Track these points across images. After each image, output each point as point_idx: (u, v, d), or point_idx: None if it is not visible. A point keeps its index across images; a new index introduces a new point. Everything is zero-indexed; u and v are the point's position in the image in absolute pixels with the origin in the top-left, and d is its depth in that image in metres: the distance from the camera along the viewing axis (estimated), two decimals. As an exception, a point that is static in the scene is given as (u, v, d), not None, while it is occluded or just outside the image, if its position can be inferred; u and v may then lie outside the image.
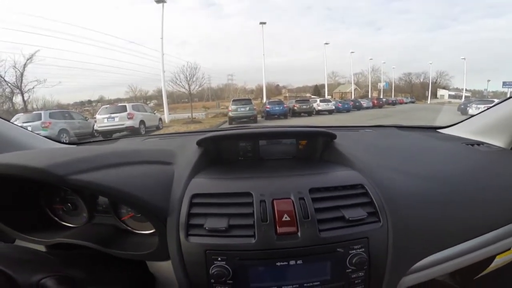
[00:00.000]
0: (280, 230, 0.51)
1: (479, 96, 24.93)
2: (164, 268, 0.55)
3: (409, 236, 0.57)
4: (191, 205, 0.55)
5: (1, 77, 14.63)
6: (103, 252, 0.56)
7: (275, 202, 0.53)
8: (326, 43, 31.03)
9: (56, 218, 0.68)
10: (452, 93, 31.66)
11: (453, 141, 1.03)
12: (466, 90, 29.92)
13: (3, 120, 0.87)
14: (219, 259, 0.49)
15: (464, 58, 28.62)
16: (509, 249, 0.77)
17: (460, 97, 27.78)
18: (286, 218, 0.51)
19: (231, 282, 0.49)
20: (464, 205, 0.67)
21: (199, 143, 0.73)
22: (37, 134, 1.01)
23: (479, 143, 0.97)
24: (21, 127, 0.96)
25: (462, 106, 12.82)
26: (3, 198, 0.60)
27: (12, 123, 0.93)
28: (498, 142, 0.96)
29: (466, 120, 1.13)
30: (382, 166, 0.70)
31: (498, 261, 0.83)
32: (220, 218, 0.52)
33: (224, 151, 0.77)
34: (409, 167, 0.74)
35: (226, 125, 10.32)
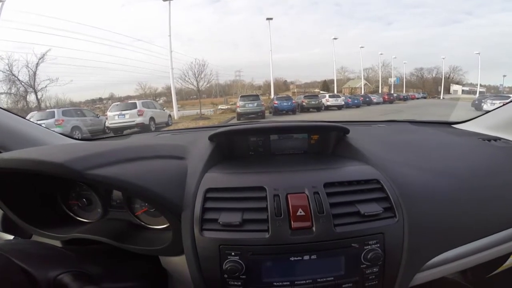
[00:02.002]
0: (294, 225, 0.50)
1: (495, 92, 24.12)
2: (177, 263, 0.56)
3: (424, 232, 0.56)
4: (205, 199, 0.55)
5: (15, 76, 15.10)
6: (117, 247, 0.57)
7: (289, 196, 0.53)
8: (335, 38, 30.54)
9: (71, 214, 0.69)
10: (466, 88, 30.73)
11: (468, 137, 1.00)
12: (480, 85, 29.00)
13: (19, 118, 0.89)
14: (233, 253, 0.49)
15: (479, 53, 27.68)
16: None
17: (474, 92, 26.95)
18: (300, 212, 0.51)
19: (244, 277, 0.49)
20: (480, 201, 0.65)
21: (211, 138, 0.73)
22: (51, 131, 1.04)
23: (495, 139, 0.94)
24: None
25: (477, 102, 12.45)
26: (21, 194, 0.61)
27: (28, 120, 0.94)
28: None
29: (482, 116, 1.10)
30: (396, 161, 0.69)
31: (512, 260, 0.81)
32: (234, 213, 0.52)
33: (235, 146, 0.77)
34: (424, 163, 0.73)
35: (234, 121, 10.33)
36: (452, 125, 1.18)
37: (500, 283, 0.97)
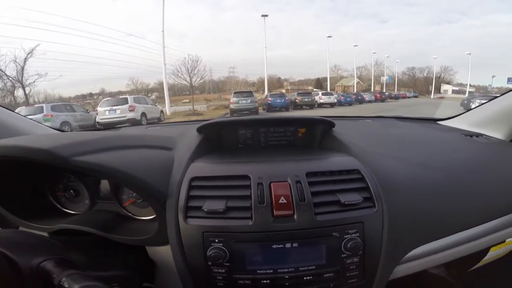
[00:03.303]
0: (276, 212, 0.51)
1: (484, 92, 24.66)
2: (163, 253, 0.56)
3: (404, 223, 0.57)
4: (190, 188, 0.55)
5: (2, 71, 14.74)
6: (104, 238, 0.56)
7: (272, 185, 0.53)
8: (329, 36, 30.71)
9: (58, 206, 0.69)
10: (456, 88, 31.36)
11: (451, 132, 1.03)
12: (470, 85, 29.64)
13: (6, 110, 0.87)
14: (216, 241, 0.49)
15: (470, 53, 28.26)
16: (504, 241, 0.77)
17: (464, 92, 27.51)
18: (282, 200, 0.52)
19: (228, 265, 0.49)
20: (460, 195, 0.67)
21: (200, 129, 0.73)
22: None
23: (477, 135, 0.97)
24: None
25: (466, 101, 12.76)
26: (7, 185, 0.60)
27: (13, 111, 0.93)
28: (497, 134, 0.95)
29: (466, 113, 1.13)
30: (379, 153, 0.70)
31: (492, 254, 0.83)
32: (218, 200, 0.52)
33: (224, 138, 0.77)
34: (406, 155, 0.75)
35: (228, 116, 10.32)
36: (437, 122, 1.21)
37: (482, 279, 0.99)
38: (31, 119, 0.98)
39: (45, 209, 0.66)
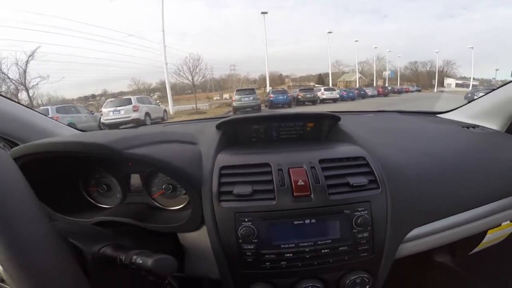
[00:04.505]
0: (296, 193, 0.58)
1: (487, 85, 24.39)
2: (194, 237, 0.63)
3: (405, 203, 0.63)
4: (220, 175, 0.62)
5: (5, 74, 14.80)
6: (137, 229, 0.62)
7: (290, 170, 0.61)
8: (330, 32, 30.56)
9: (91, 200, 0.74)
10: (460, 81, 31.05)
11: (450, 124, 1.08)
12: (474, 79, 29.32)
13: (28, 109, 0.92)
14: (246, 220, 0.57)
15: (472, 47, 27.92)
16: (500, 225, 0.82)
17: (467, 85, 27.22)
18: (300, 183, 0.59)
19: (256, 241, 0.56)
20: (456, 180, 0.73)
21: (218, 126, 0.81)
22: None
23: (474, 126, 1.02)
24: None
25: (469, 95, 12.67)
26: (47, 181, 0.65)
27: (38, 112, 0.96)
28: (493, 125, 1.00)
29: (464, 106, 1.17)
30: (381, 143, 0.77)
31: (490, 237, 0.89)
32: (245, 185, 0.59)
33: (239, 134, 0.85)
34: (406, 145, 0.81)
35: (230, 115, 10.29)
36: (437, 115, 1.25)
37: (483, 264, 1.05)
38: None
39: (80, 204, 0.72)
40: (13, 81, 15.04)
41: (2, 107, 0.82)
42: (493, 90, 1.05)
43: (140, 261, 0.40)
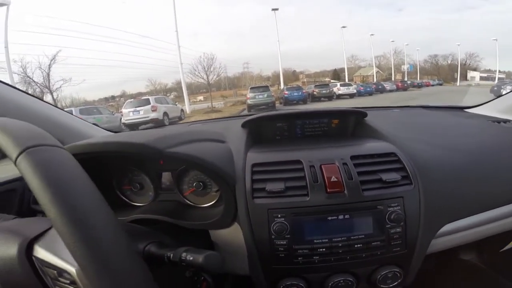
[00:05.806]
0: (330, 190, 0.58)
1: (515, 77, 22.96)
2: (226, 234, 0.65)
3: (437, 199, 0.63)
4: (253, 173, 0.64)
5: (30, 78, 15.70)
6: (169, 226, 0.64)
7: (323, 167, 0.61)
8: (343, 27, 29.90)
9: (125, 199, 0.77)
10: (484, 74, 29.43)
11: (479, 119, 1.05)
12: (499, 71, 27.69)
13: (66, 113, 0.98)
14: (279, 216, 0.57)
15: (496, 39, 26.37)
16: None
17: (493, 78, 25.78)
18: (334, 179, 0.60)
19: (289, 237, 0.57)
20: (488, 176, 0.72)
21: (244, 125, 0.83)
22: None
23: (505, 121, 0.99)
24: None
25: (496, 88, 11.89)
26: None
27: (73, 115, 1.02)
28: None
29: (494, 100, 1.14)
30: (410, 139, 0.76)
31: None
32: (278, 182, 0.60)
33: (263, 132, 0.87)
34: (435, 140, 0.80)
35: (245, 113, 10.33)
36: (464, 110, 1.22)
37: None
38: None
39: (115, 203, 0.74)
40: (38, 85, 15.93)
41: (36, 107, 0.87)
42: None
43: (191, 258, 0.41)
